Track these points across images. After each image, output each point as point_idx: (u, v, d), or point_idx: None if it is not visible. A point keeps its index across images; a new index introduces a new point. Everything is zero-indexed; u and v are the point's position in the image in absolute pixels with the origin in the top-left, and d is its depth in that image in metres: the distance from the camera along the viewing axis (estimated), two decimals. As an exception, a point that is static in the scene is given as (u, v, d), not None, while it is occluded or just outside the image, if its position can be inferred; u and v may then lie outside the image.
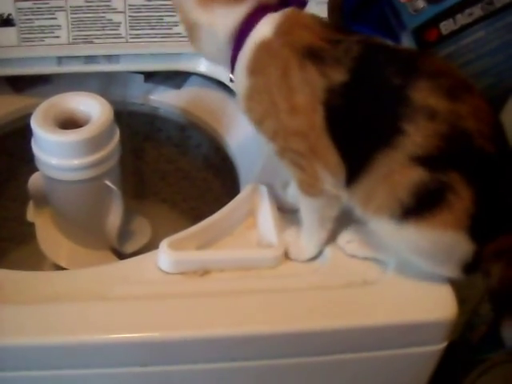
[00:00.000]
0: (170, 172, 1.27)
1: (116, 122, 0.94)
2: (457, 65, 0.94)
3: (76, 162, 0.89)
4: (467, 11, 0.92)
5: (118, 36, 1.07)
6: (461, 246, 0.68)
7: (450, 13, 0.92)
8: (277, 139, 0.73)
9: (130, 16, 1.06)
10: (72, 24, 1.06)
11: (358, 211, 0.72)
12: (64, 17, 1.06)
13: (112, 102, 0.94)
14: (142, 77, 1.16)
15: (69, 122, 0.92)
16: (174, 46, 1.08)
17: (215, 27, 0.74)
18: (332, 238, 0.76)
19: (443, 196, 0.66)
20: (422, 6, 0.93)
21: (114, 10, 1.05)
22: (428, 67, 0.69)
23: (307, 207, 0.75)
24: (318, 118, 0.69)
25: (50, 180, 0.93)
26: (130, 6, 1.05)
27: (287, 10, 0.73)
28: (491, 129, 0.67)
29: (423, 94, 0.66)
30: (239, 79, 0.75)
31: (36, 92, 1.12)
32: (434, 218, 0.67)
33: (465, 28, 0.93)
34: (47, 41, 1.07)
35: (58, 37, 1.07)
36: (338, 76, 0.68)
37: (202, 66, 1.10)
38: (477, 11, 0.92)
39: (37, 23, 1.06)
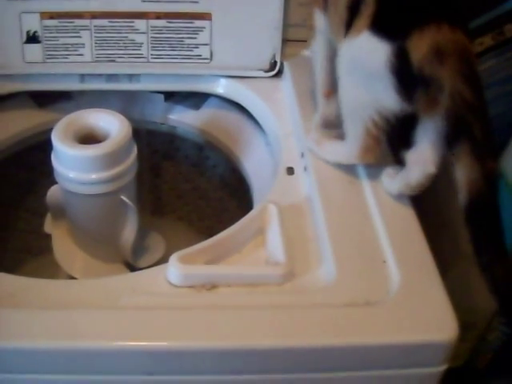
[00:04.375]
0: (186, 191, 1.29)
1: (135, 140, 0.95)
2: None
3: (93, 176, 0.91)
4: (478, 40, 0.93)
5: (140, 56, 1.09)
6: (373, 47, 0.75)
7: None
8: None
9: (151, 37, 1.08)
10: (96, 43, 1.09)
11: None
12: (88, 36, 1.08)
13: (131, 120, 0.95)
14: (161, 96, 1.18)
15: (88, 138, 0.93)
16: (194, 67, 1.11)
17: None
18: (339, 256, 0.77)
19: (358, 8, 0.77)
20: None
21: (137, 31, 1.08)
22: None
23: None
24: None
25: (67, 193, 0.95)
26: (152, 27, 1.07)
27: None
28: None
29: None
30: None
31: (58, 108, 1.15)
32: (355, 27, 0.78)
33: (476, 57, 0.94)
34: (71, 58, 1.10)
35: (81, 55, 1.09)
36: None
37: (221, 88, 1.13)
38: (487, 41, 0.93)
39: (61, 41, 1.09)
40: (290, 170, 0.93)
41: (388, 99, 0.76)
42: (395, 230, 0.80)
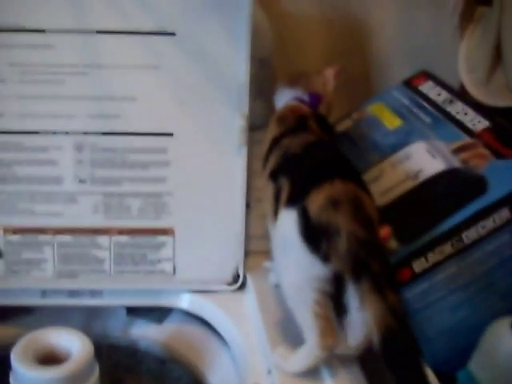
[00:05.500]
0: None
1: (96, 355, 0.92)
2: (430, 301, 0.97)
3: (54, 399, 0.88)
4: (438, 249, 0.95)
5: (103, 271, 1.10)
6: (287, 218, 0.84)
7: (421, 252, 0.96)
8: None
9: (114, 253, 1.09)
10: (58, 258, 1.09)
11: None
12: (51, 251, 1.09)
13: (93, 335, 0.93)
14: (124, 310, 1.17)
15: (49, 358, 0.91)
16: (157, 282, 1.11)
17: None
18: None
19: (280, 195, 0.87)
20: (393, 246, 0.96)
21: (100, 247, 1.09)
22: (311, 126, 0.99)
23: None
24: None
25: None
26: (114, 243, 1.09)
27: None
28: (303, 141, 0.94)
29: (286, 141, 0.95)
30: None
31: (18, 323, 1.13)
32: (278, 211, 0.87)
33: (437, 265, 0.96)
34: (33, 273, 1.10)
35: (43, 270, 1.09)
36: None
37: (184, 303, 1.13)
38: (447, 249, 0.95)
39: (24, 256, 1.09)
40: (258, 388, 0.91)
41: (310, 266, 0.80)
42: None
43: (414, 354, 0.73)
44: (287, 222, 0.83)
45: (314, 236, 0.79)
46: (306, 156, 0.90)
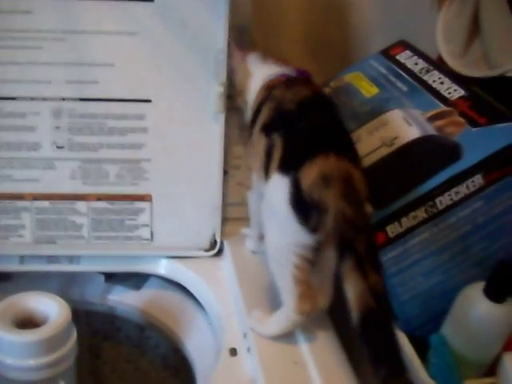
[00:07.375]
0: (128, 371, 1.25)
1: (74, 322, 0.93)
2: (404, 266, 0.98)
3: (31, 362, 0.88)
4: (411, 214, 0.96)
5: (81, 237, 1.10)
6: (279, 184, 0.83)
7: (395, 217, 0.97)
8: None
9: (92, 218, 1.10)
10: (36, 224, 1.09)
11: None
12: (28, 217, 1.09)
13: (71, 301, 0.94)
14: (102, 277, 1.17)
15: (27, 322, 0.91)
16: (135, 248, 1.12)
17: None
18: None
19: (272, 152, 0.85)
20: (368, 211, 0.97)
21: (78, 213, 1.09)
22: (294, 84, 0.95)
23: None
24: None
25: (4, 379, 0.91)
26: (92, 209, 1.09)
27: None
28: (297, 96, 0.90)
29: (277, 91, 0.93)
30: None
31: (-4, 288, 1.13)
32: (270, 170, 0.85)
33: (410, 230, 0.97)
34: (11, 239, 1.10)
35: (21, 236, 1.10)
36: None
37: (161, 269, 1.14)
38: (420, 214, 0.96)
39: (1, 222, 1.09)
40: (233, 351, 0.92)
41: (296, 234, 0.82)
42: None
43: (389, 335, 0.75)
44: (278, 189, 0.83)
45: (304, 209, 0.80)
46: (302, 116, 0.88)
